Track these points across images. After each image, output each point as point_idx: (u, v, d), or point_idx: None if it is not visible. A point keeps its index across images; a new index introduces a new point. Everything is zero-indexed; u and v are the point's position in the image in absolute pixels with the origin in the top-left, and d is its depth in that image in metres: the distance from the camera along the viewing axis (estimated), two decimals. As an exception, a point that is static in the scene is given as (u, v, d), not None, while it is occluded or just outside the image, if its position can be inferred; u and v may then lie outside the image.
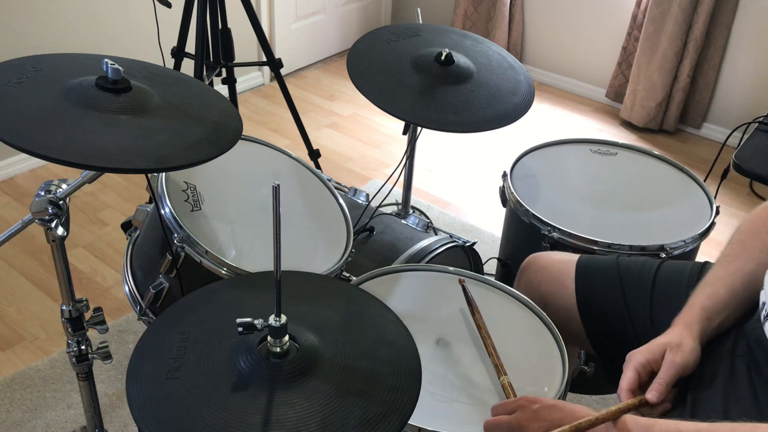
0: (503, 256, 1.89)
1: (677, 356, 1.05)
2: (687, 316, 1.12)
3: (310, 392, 0.89)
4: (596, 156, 1.88)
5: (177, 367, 0.92)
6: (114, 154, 1.06)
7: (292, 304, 1.01)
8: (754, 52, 3.15)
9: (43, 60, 1.22)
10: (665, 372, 1.05)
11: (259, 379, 0.90)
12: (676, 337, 1.08)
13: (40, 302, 2.20)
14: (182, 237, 1.37)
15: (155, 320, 1.03)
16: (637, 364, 1.07)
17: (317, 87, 3.69)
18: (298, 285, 1.10)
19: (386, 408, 0.89)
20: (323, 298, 1.09)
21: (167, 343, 0.96)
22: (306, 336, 0.95)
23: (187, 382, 0.90)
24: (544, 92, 3.75)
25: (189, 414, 0.87)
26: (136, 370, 0.93)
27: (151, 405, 0.88)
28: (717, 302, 1.12)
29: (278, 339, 0.91)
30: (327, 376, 0.92)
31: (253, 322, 0.91)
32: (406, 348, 0.99)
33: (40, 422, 1.83)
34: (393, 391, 0.92)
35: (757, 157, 2.02)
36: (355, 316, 1.04)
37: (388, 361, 0.97)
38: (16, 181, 2.75)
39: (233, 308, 1.03)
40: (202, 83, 1.42)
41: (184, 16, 2.29)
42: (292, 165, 1.69)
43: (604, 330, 1.33)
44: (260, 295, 1.06)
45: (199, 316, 1.02)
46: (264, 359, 0.92)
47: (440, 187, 2.93)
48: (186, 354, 0.94)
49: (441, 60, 1.66)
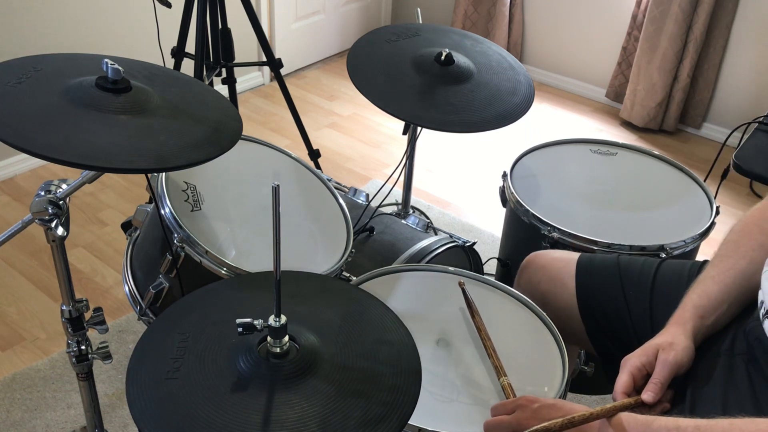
0: (503, 256, 1.89)
1: (670, 355, 1.06)
2: (679, 316, 1.13)
3: (310, 392, 0.89)
4: (596, 156, 1.88)
5: (177, 368, 0.92)
6: (114, 154, 1.06)
7: (292, 305, 1.01)
8: (754, 52, 3.15)
9: (44, 60, 1.22)
10: (659, 372, 1.05)
11: (259, 379, 0.90)
12: (669, 337, 1.09)
13: (40, 302, 2.20)
14: (182, 237, 1.37)
15: (155, 320, 1.03)
16: (632, 367, 1.07)
17: (317, 87, 3.69)
18: (298, 285, 1.10)
19: (386, 408, 0.89)
20: (323, 298, 1.09)
21: (167, 343, 0.96)
22: (306, 336, 0.95)
23: (187, 382, 0.90)
24: (544, 92, 3.75)
25: (189, 414, 0.87)
26: (136, 371, 0.93)
27: (151, 405, 0.88)
28: (709, 300, 1.13)
29: (278, 339, 0.91)
30: (327, 377, 0.91)
31: (253, 322, 0.91)
32: (406, 348, 0.99)
33: (40, 422, 1.83)
34: (393, 391, 0.92)
35: (757, 157, 2.02)
36: (355, 317, 1.04)
37: (388, 361, 0.97)
38: (16, 181, 2.75)
39: (233, 308, 1.03)
40: (202, 83, 1.42)
41: (184, 16, 2.29)
42: (292, 165, 1.69)
43: (604, 329, 1.33)
44: (260, 295, 1.06)
45: (199, 317, 1.02)
46: (264, 359, 0.91)
47: (440, 187, 2.93)
48: (186, 354, 0.94)
49: (441, 60, 1.66)
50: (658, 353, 1.07)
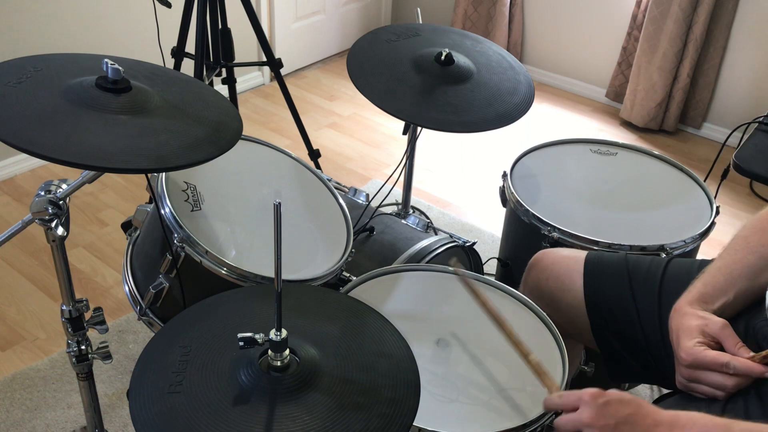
0: (503, 256, 1.90)
1: (718, 323, 1.08)
2: (684, 299, 1.14)
3: (311, 405, 0.89)
4: (596, 156, 1.88)
5: (179, 381, 0.92)
6: (114, 154, 1.06)
7: (292, 317, 1.01)
8: (754, 52, 3.15)
9: (44, 60, 1.22)
10: (731, 336, 1.06)
11: (260, 392, 0.90)
12: (693, 320, 1.10)
13: (40, 302, 2.20)
14: (182, 237, 1.37)
15: (157, 334, 1.03)
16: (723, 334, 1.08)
17: (317, 87, 3.69)
18: (299, 298, 1.10)
19: (386, 420, 0.89)
20: (323, 310, 1.09)
21: (169, 356, 0.96)
22: (306, 349, 0.96)
23: (189, 395, 0.91)
24: (544, 92, 3.75)
25: (191, 428, 0.87)
26: (139, 383, 0.93)
27: (154, 419, 0.88)
28: (714, 288, 1.13)
29: (279, 353, 0.92)
30: (327, 389, 0.92)
31: (254, 336, 0.91)
32: (404, 360, 1.00)
33: (40, 422, 1.83)
34: (392, 403, 0.92)
35: (757, 157, 2.02)
36: (354, 329, 1.04)
37: (387, 373, 0.97)
38: (16, 181, 2.75)
39: (234, 322, 1.03)
40: (202, 83, 1.42)
41: (184, 16, 2.29)
42: (292, 165, 1.69)
43: (610, 326, 1.33)
44: (260, 307, 1.06)
45: (200, 330, 1.02)
46: (265, 373, 0.92)
47: (440, 187, 2.93)
48: (188, 368, 0.94)
49: (441, 60, 1.66)
50: (707, 328, 1.08)
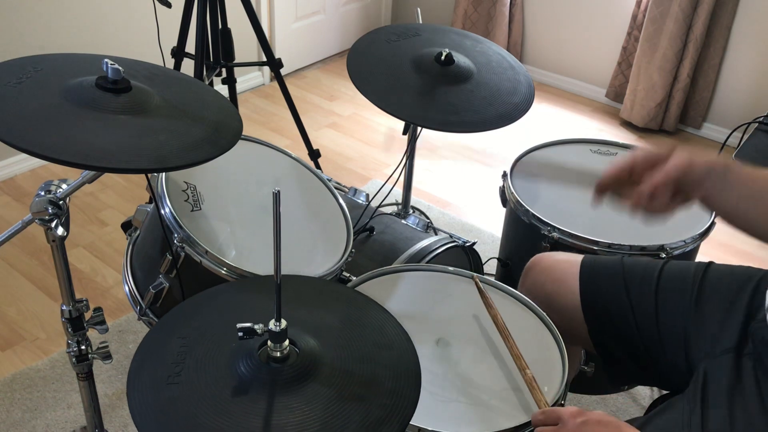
0: (503, 256, 1.89)
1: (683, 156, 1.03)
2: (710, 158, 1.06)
3: (311, 396, 0.89)
4: (596, 156, 1.88)
5: (178, 372, 0.92)
6: (114, 154, 1.06)
7: (292, 308, 1.00)
8: (754, 52, 3.15)
9: (44, 60, 1.22)
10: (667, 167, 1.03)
11: (259, 383, 0.90)
12: None
13: (40, 302, 2.20)
14: (182, 237, 1.37)
15: (155, 325, 1.03)
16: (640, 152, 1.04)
17: (317, 87, 3.69)
18: (298, 289, 1.10)
19: (386, 411, 0.89)
20: (322, 301, 1.09)
21: (168, 348, 0.96)
22: (306, 340, 0.95)
23: (187, 386, 0.90)
24: (544, 92, 3.75)
25: (190, 419, 0.87)
26: (137, 375, 0.93)
27: (152, 411, 0.88)
28: (749, 175, 1.03)
29: (278, 344, 0.91)
30: (327, 381, 0.91)
31: (254, 327, 0.91)
32: (405, 351, 0.99)
33: (40, 422, 1.83)
34: (393, 394, 0.92)
35: (757, 157, 2.02)
36: (355, 320, 1.04)
37: (387, 364, 0.97)
38: (16, 181, 2.75)
39: (233, 312, 1.03)
40: (202, 83, 1.42)
41: (184, 16, 2.29)
42: (292, 165, 1.69)
43: (607, 329, 1.33)
44: (259, 299, 1.06)
45: (199, 321, 1.01)
46: (264, 364, 0.91)
47: (440, 187, 2.93)
48: (186, 359, 0.94)
49: (441, 60, 1.66)
50: None
